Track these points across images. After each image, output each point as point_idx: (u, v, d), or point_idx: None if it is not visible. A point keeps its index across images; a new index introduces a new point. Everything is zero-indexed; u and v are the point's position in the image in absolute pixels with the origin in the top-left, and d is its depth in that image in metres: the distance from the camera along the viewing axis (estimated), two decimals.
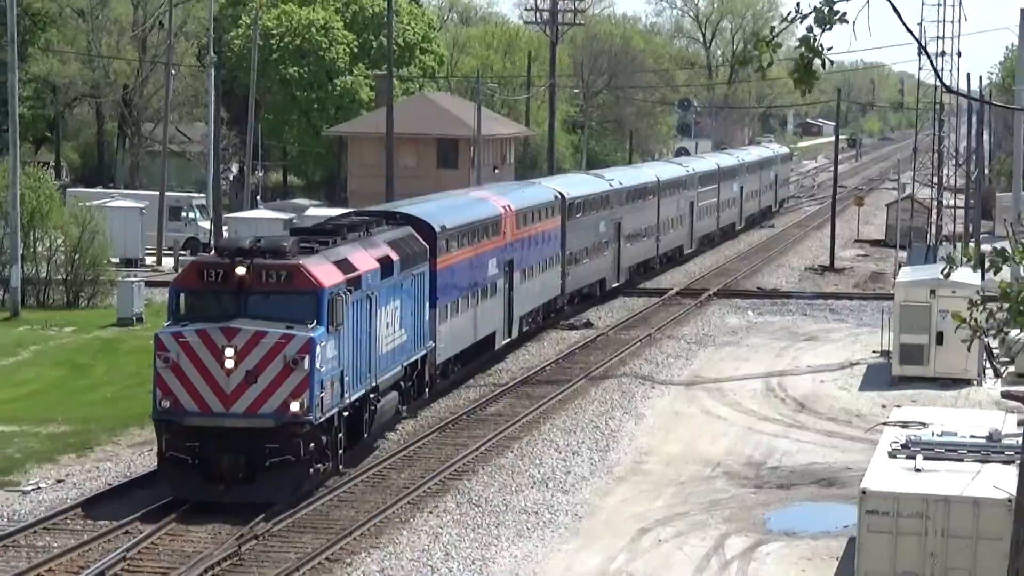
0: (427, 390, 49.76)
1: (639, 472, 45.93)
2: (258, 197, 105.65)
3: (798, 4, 7.90)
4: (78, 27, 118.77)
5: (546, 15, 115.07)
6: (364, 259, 40.98)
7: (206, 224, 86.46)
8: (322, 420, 34.36)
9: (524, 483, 44.12)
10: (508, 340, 61.25)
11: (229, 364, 32.46)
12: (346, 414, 38.00)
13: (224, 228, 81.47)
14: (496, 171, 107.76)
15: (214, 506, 35.05)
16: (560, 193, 67.44)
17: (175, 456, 33.48)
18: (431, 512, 40.73)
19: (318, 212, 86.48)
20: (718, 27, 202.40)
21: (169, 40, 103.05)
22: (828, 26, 7.77)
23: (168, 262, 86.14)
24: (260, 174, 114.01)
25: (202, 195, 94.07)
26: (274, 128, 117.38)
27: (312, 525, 39.08)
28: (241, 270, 33.86)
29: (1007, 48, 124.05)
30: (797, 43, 8.36)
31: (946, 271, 49.44)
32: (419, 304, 47.52)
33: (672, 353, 66.15)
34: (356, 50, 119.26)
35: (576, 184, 74.08)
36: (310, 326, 33.70)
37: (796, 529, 40.07)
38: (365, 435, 40.82)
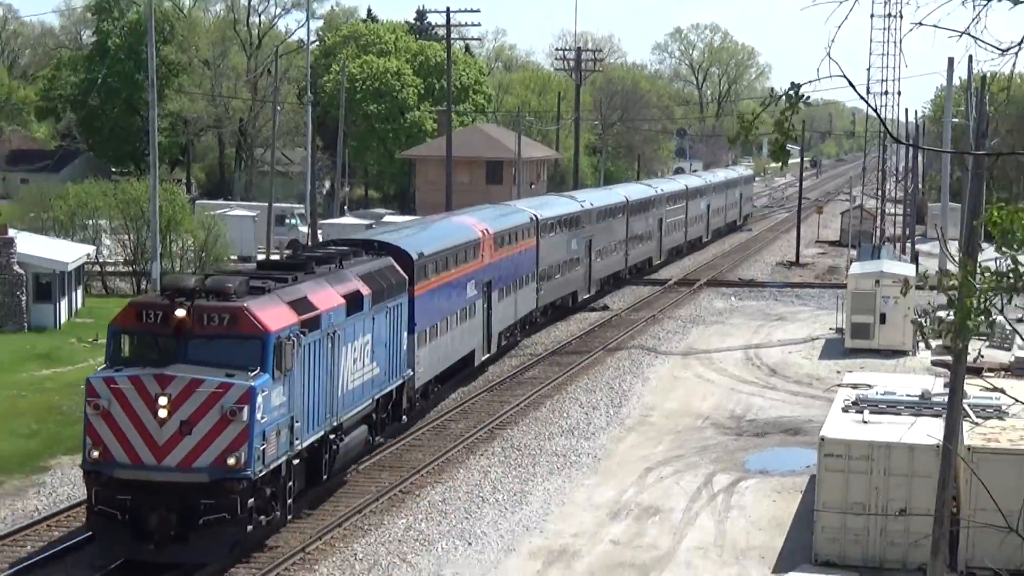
0: (404, 416, 42.26)
1: (645, 423, 46.14)
2: (345, 207, 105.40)
3: (772, 90, 8.17)
4: (204, 73, 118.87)
5: (572, 63, 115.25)
6: (327, 296, 33.40)
7: (304, 229, 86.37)
8: (264, 473, 27.60)
9: (554, 432, 44.41)
10: (487, 356, 54.16)
11: (162, 413, 26.08)
12: (296, 461, 30.46)
13: (319, 231, 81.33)
14: (532, 186, 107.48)
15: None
16: (535, 215, 62.10)
17: (104, 511, 26.63)
18: (481, 454, 41.18)
19: (393, 219, 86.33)
20: (708, 72, 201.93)
21: (275, 84, 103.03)
22: (795, 109, 8.03)
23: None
24: (347, 189, 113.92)
25: (301, 206, 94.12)
26: (357, 152, 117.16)
27: (389, 465, 39.68)
28: (181, 312, 27.16)
29: (937, 88, 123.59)
30: (773, 126, 8.59)
31: (904, 291, 49.68)
32: (396, 334, 39.95)
33: (671, 330, 66.11)
34: (422, 91, 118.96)
35: (550, 206, 68.44)
36: (252, 374, 26.89)
37: (769, 468, 40.20)
38: (325, 476, 33.44)
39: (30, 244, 62.81)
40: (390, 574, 30.62)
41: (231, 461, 26.21)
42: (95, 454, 26.65)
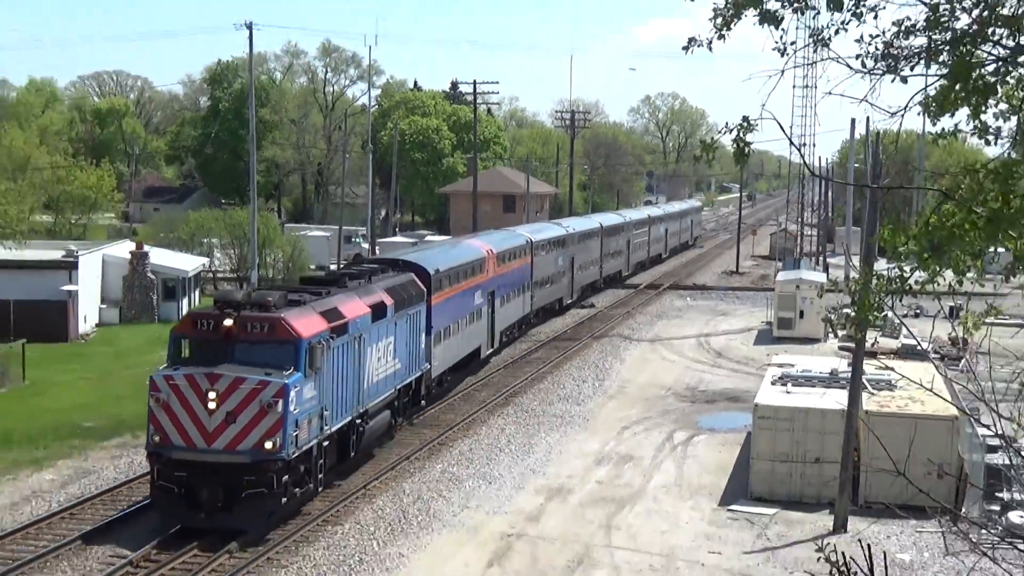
0: (423, 401, 40.44)
1: (622, 393, 46.17)
2: (396, 229, 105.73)
3: (727, 123, 8.11)
4: (291, 128, 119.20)
5: (567, 122, 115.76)
6: (355, 306, 31.97)
7: (366, 245, 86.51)
8: (297, 455, 26.85)
9: (553, 399, 44.51)
10: (491, 350, 51.84)
11: (212, 405, 25.45)
12: (326, 443, 29.35)
13: (377, 248, 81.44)
14: (537, 214, 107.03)
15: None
16: (529, 238, 60.29)
17: (164, 485, 25.91)
18: (499, 416, 41.33)
19: (432, 238, 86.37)
20: (670, 129, 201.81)
21: (344, 137, 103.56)
22: (747, 132, 8.03)
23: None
24: (398, 215, 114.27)
25: (364, 228, 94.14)
26: (406, 188, 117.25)
27: (431, 424, 39.91)
28: (228, 321, 26.45)
29: (843, 141, 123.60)
30: (732, 141, 8.59)
31: (820, 294, 49.39)
32: (415, 335, 38.07)
33: (641, 322, 66.11)
34: (455, 143, 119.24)
35: (542, 231, 66.13)
36: (287, 373, 26.00)
37: (716, 427, 40.23)
38: (352, 453, 32.08)
39: (160, 256, 63.29)
40: (429, 505, 30.68)
41: (268, 445, 25.50)
42: (156, 439, 25.89)
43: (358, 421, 31.74)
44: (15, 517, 28.27)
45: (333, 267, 76.02)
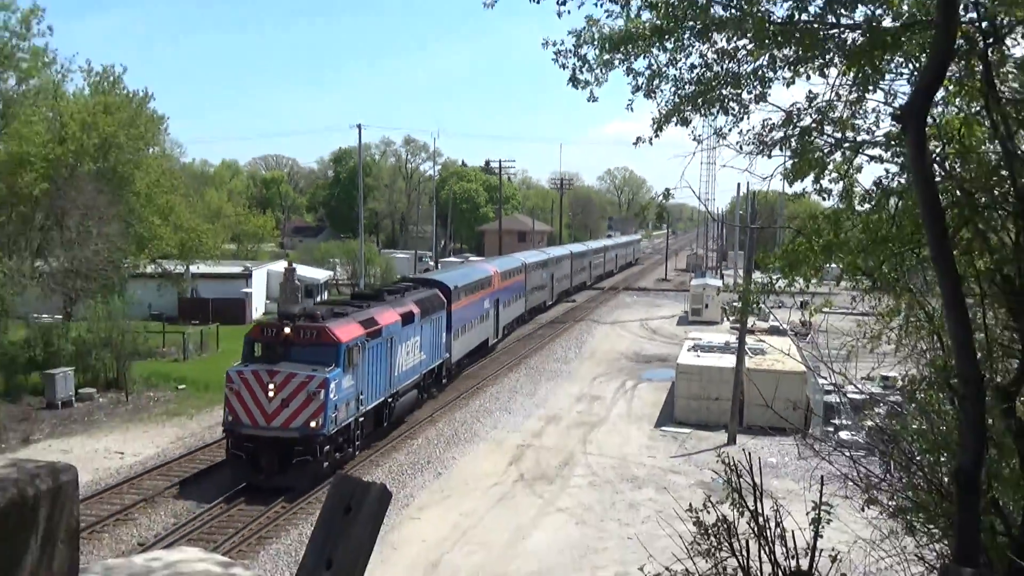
0: (444, 382, 36.41)
1: (593, 357, 45.86)
2: (451, 253, 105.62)
3: (664, 190, 8.07)
4: (384, 190, 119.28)
5: (558, 185, 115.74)
6: (388, 316, 28.75)
7: (431, 263, 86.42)
8: (336, 431, 24.47)
9: (550, 360, 44.10)
10: (496, 340, 46.69)
11: (271, 394, 23.43)
12: (362, 419, 26.51)
13: (440, 266, 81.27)
14: (539, 243, 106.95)
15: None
16: (524, 261, 55.88)
17: (235, 453, 23.62)
18: (514, 371, 40.94)
19: (474, 259, 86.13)
20: (623, 190, 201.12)
21: (418, 195, 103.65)
22: (668, 198, 7.99)
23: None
24: (452, 245, 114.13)
25: (429, 252, 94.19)
26: (458, 228, 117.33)
27: (473, 375, 39.56)
28: (287, 329, 24.24)
29: (733, 196, 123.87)
30: (656, 205, 8.56)
31: (718, 293, 48.74)
32: (438, 334, 34.41)
33: (605, 311, 65.78)
34: (487, 199, 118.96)
35: (533, 256, 61.13)
36: (328, 369, 23.69)
37: (652, 378, 39.93)
38: (385, 423, 28.99)
39: (302, 270, 62.90)
40: (471, 427, 30.66)
41: (313, 424, 23.38)
42: (230, 418, 23.50)
43: (390, 400, 29.23)
44: (205, 437, 28.36)
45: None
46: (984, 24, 5.34)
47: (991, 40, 5.33)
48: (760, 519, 5.09)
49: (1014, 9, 5.21)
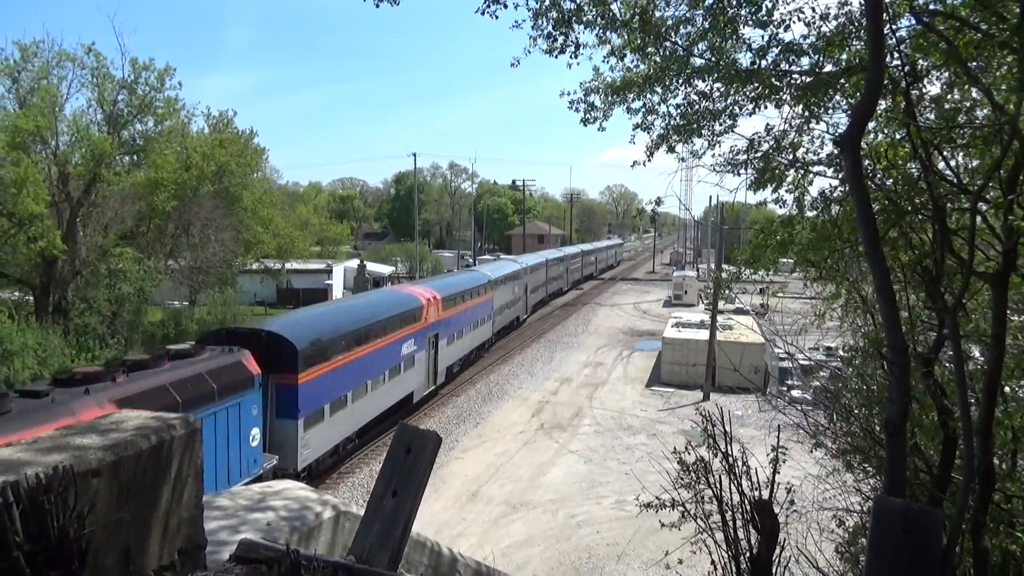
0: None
1: (596, 332, 45.53)
2: (485, 253, 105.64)
3: (648, 200, 8.00)
4: (434, 204, 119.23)
5: (569, 199, 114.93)
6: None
7: (471, 261, 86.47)
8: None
9: (564, 335, 43.73)
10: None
11: None
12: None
13: (477, 263, 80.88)
14: (557, 244, 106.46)
15: None
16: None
17: None
18: (535, 343, 40.62)
19: (504, 256, 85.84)
20: (619, 202, 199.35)
21: (460, 207, 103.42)
22: (658, 205, 7.94)
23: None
24: (487, 246, 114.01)
25: (469, 252, 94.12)
26: (490, 235, 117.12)
27: (503, 347, 39.37)
28: None
29: (708, 204, 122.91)
30: (650, 211, 8.50)
31: (697, 279, 48.21)
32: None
33: (606, 296, 65.48)
34: (514, 210, 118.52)
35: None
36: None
37: (644, 349, 39.58)
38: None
39: (372, 266, 63.47)
40: (502, 387, 30.61)
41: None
42: None
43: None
44: None
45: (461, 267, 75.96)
46: (907, 68, 5.28)
47: (912, 80, 5.26)
48: (730, 459, 5.06)
49: (929, 57, 5.19)
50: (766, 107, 6.82)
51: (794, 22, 6.36)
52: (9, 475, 1.95)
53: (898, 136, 5.81)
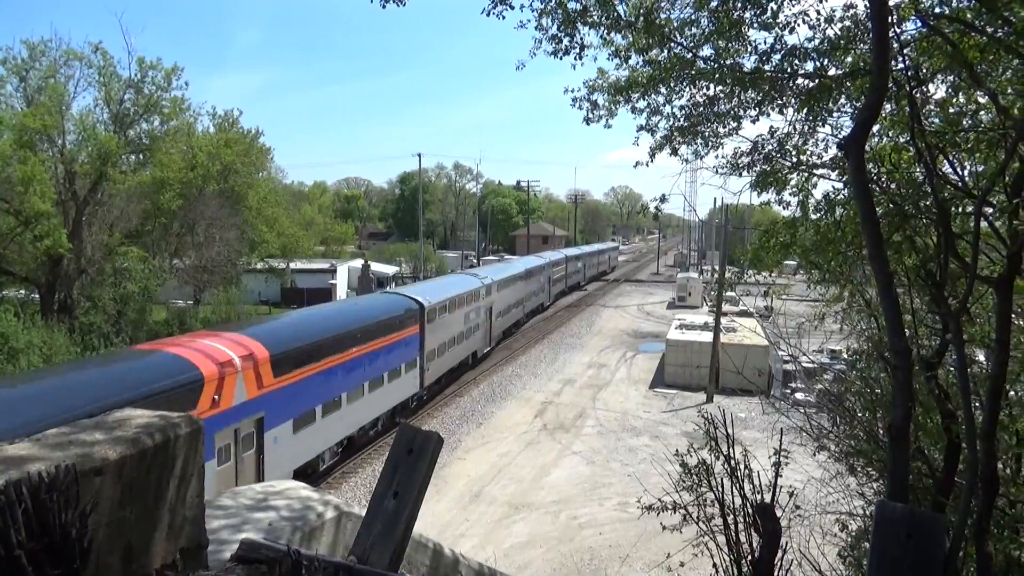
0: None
1: (600, 333, 45.45)
2: (490, 253, 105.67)
3: (654, 197, 7.99)
4: (439, 204, 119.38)
5: (573, 200, 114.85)
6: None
7: (475, 261, 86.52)
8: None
9: (567, 336, 43.68)
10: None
11: None
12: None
13: (480, 264, 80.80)
14: (562, 245, 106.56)
15: None
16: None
17: None
18: (539, 344, 40.60)
19: (509, 257, 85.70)
20: (624, 203, 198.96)
21: (464, 207, 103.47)
22: (662, 203, 7.94)
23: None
24: (491, 247, 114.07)
25: (473, 252, 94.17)
26: (495, 235, 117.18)
27: (508, 347, 39.22)
28: None
29: (710, 208, 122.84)
30: (654, 208, 8.50)
31: (701, 280, 47.89)
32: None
33: (610, 297, 65.40)
34: (518, 210, 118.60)
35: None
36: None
37: (647, 350, 39.44)
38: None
39: (375, 266, 63.37)
40: (505, 387, 30.60)
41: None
42: None
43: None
44: None
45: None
46: (911, 72, 5.27)
47: (917, 84, 5.25)
48: (732, 461, 5.05)
49: (934, 60, 5.18)
50: (768, 115, 6.83)
51: (799, 25, 6.35)
52: (12, 472, 1.94)
53: (902, 140, 5.79)
